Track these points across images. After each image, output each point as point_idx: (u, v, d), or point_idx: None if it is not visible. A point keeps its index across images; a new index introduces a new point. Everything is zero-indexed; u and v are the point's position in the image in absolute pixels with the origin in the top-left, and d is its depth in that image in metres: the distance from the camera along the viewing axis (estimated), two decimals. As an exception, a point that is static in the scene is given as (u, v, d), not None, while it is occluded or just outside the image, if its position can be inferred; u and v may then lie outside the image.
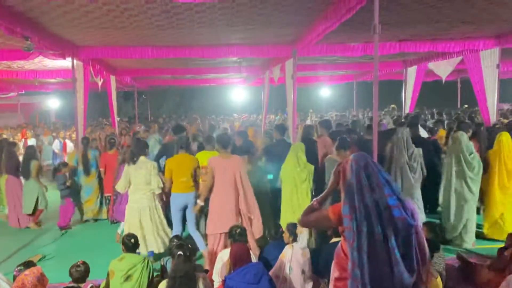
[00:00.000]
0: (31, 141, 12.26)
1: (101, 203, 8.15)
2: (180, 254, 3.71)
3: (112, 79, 11.85)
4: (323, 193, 2.81)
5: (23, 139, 12.79)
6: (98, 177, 8.08)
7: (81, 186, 8.00)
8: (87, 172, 7.98)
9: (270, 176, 6.40)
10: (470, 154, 5.91)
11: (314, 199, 2.86)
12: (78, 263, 4.09)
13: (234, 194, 5.32)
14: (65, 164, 8.01)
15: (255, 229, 5.40)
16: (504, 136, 6.21)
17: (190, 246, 3.95)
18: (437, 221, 6.29)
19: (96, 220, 8.11)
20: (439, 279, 4.03)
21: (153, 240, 5.72)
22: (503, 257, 4.37)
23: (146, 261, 4.32)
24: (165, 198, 6.21)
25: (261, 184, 6.16)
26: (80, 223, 8.01)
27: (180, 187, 5.71)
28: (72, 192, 7.77)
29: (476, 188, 5.94)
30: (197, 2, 4.46)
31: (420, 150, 6.07)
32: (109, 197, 7.86)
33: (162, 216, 5.89)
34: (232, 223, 4.99)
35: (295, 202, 5.73)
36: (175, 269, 3.68)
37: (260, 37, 7.94)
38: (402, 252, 2.31)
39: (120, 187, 5.86)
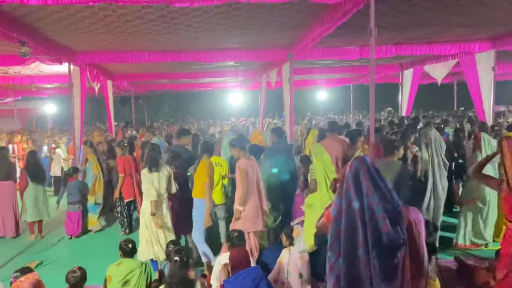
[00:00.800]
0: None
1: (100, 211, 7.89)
2: (176, 260, 3.70)
3: (109, 84, 11.86)
4: None
5: (15, 144, 12.57)
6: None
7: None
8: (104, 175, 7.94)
9: (274, 170, 6.41)
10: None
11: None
12: (74, 268, 4.06)
13: (259, 194, 5.57)
14: (76, 170, 7.80)
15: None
16: None
17: (187, 251, 3.94)
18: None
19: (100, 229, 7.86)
20: (437, 281, 4.03)
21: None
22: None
23: (144, 266, 4.29)
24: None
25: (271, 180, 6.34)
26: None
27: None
28: (83, 199, 7.60)
29: None
30: (193, 6, 4.47)
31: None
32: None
33: (169, 223, 5.58)
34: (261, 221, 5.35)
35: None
36: (172, 274, 3.67)
37: (257, 41, 7.96)
38: (383, 263, 2.29)
39: (152, 195, 5.39)
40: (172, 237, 5.42)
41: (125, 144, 7.76)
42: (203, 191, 5.45)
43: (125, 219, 7.46)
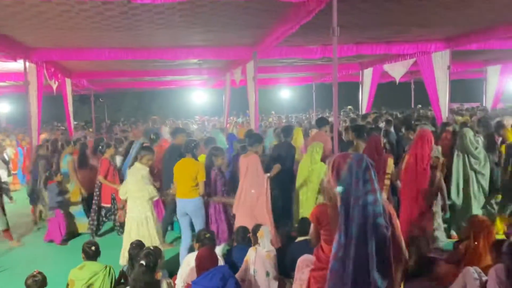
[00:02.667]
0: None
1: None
2: (142, 264, 3.64)
3: (68, 82, 11.46)
4: None
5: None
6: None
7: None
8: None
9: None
10: (476, 148, 6.08)
11: None
12: (34, 273, 3.91)
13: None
14: (57, 172, 7.29)
15: None
16: None
17: (154, 253, 3.87)
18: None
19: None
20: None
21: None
22: (459, 251, 4.57)
23: (108, 268, 4.20)
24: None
25: None
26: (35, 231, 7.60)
27: (181, 193, 5.46)
28: (65, 202, 7.14)
29: (485, 183, 6.06)
30: (156, 3, 4.39)
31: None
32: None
33: (152, 228, 5.47)
34: None
35: (303, 198, 6.00)
36: (136, 278, 3.61)
37: (221, 39, 7.92)
38: (379, 257, 2.33)
39: (121, 192, 5.56)
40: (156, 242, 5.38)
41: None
42: (196, 190, 5.35)
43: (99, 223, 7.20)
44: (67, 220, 7.08)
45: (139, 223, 5.42)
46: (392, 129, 8.84)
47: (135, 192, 5.44)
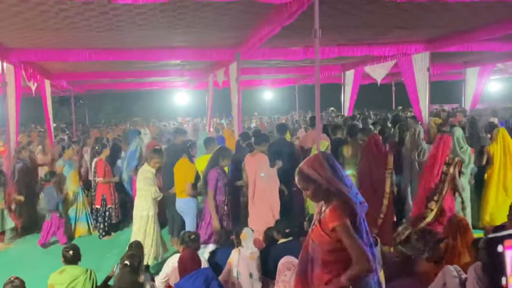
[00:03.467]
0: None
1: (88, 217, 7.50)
2: (126, 264, 3.60)
3: (47, 83, 11.25)
4: None
5: None
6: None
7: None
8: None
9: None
10: (461, 148, 6.21)
11: None
12: (12, 278, 3.82)
13: None
14: (53, 174, 7.28)
15: None
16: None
17: (137, 254, 3.83)
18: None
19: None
20: (382, 273, 4.20)
21: (148, 252, 5.48)
22: (439, 249, 4.64)
23: (89, 272, 4.13)
24: None
25: None
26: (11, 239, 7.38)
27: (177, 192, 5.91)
28: (62, 205, 7.12)
29: (465, 182, 6.19)
30: (137, 3, 4.35)
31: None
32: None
33: (157, 225, 5.68)
34: None
35: None
36: (121, 279, 3.57)
37: (203, 40, 7.89)
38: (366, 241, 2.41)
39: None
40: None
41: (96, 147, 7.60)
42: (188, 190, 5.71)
43: (104, 223, 7.24)
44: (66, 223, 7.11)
45: (145, 220, 5.58)
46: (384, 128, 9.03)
47: (141, 191, 5.63)
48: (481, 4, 5.75)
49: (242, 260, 4.37)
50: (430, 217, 5.37)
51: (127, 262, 3.61)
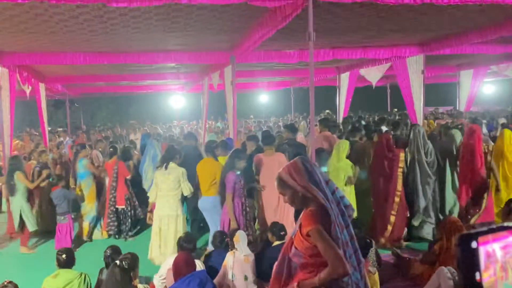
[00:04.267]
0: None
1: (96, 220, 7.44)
2: (115, 263, 3.59)
3: (42, 86, 11.21)
4: None
5: None
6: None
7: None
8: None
9: None
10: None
11: None
12: (5, 283, 3.80)
13: None
14: (61, 177, 7.23)
15: None
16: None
17: (133, 257, 3.82)
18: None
19: (91, 240, 7.32)
20: (376, 275, 4.21)
21: (172, 252, 5.44)
22: (433, 251, 4.66)
23: (83, 276, 4.12)
24: None
25: None
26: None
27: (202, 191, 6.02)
28: (74, 207, 7.10)
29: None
30: (132, 6, 4.35)
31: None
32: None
33: (181, 226, 5.71)
34: None
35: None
36: (108, 278, 3.56)
37: (198, 43, 7.90)
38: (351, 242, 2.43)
39: (152, 195, 5.76)
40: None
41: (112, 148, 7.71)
42: (214, 188, 5.82)
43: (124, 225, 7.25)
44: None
45: (170, 221, 5.60)
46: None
47: (170, 191, 5.63)
48: (474, 7, 5.79)
49: (237, 263, 4.37)
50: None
51: (117, 262, 3.60)
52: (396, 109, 19.10)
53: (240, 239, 4.49)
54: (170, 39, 7.37)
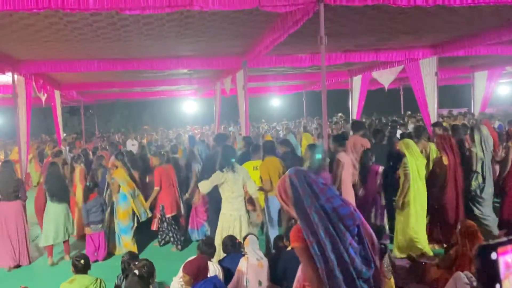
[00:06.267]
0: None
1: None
2: (134, 273, 3.61)
3: (57, 94, 11.40)
4: None
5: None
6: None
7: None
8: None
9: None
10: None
11: None
12: (22, 288, 3.87)
13: None
14: (97, 184, 6.90)
15: None
16: None
17: (150, 265, 3.84)
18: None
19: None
20: (392, 280, 4.17)
21: None
22: (450, 255, 4.59)
23: (98, 281, 4.15)
24: None
25: None
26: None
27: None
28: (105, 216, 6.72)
29: None
30: (145, 14, 4.41)
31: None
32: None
33: (245, 226, 5.57)
34: None
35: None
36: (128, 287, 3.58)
37: (210, 49, 7.95)
38: (356, 248, 2.38)
39: (204, 187, 5.48)
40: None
41: (163, 153, 7.45)
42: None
43: (175, 235, 6.92)
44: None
45: (235, 221, 5.48)
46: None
47: (236, 192, 5.46)
48: (487, 7, 5.73)
49: (251, 268, 4.36)
50: None
51: (136, 271, 3.63)
52: (409, 112, 18.93)
53: (250, 242, 4.49)
54: (183, 45, 7.43)
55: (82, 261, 4.24)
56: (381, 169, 6.40)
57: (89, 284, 4.07)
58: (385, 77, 10.96)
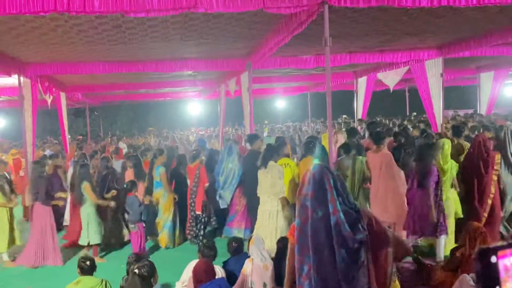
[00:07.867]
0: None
1: (174, 227, 7.11)
2: (135, 273, 3.62)
3: (62, 95, 11.46)
4: None
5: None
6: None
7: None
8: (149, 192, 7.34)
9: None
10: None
11: None
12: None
13: None
14: (135, 184, 6.86)
15: None
16: None
17: (151, 265, 3.84)
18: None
19: (167, 248, 7.04)
20: (397, 282, 4.14)
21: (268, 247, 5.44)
22: (455, 257, 4.56)
23: (104, 283, 4.15)
24: None
25: None
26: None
27: None
28: (146, 214, 6.86)
29: None
30: (149, 16, 4.42)
31: None
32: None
33: (281, 221, 5.81)
34: None
35: None
36: (129, 286, 3.59)
37: (215, 51, 7.96)
38: (347, 266, 2.35)
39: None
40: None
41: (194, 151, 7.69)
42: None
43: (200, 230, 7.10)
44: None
45: (271, 216, 5.79)
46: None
47: (270, 188, 5.81)
48: (493, 8, 5.70)
49: (256, 270, 4.35)
50: None
51: (136, 271, 3.63)
52: (415, 113, 18.84)
53: (255, 243, 4.48)
54: (187, 47, 7.45)
55: (88, 262, 4.25)
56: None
57: (94, 286, 4.08)
58: (391, 78, 10.92)
